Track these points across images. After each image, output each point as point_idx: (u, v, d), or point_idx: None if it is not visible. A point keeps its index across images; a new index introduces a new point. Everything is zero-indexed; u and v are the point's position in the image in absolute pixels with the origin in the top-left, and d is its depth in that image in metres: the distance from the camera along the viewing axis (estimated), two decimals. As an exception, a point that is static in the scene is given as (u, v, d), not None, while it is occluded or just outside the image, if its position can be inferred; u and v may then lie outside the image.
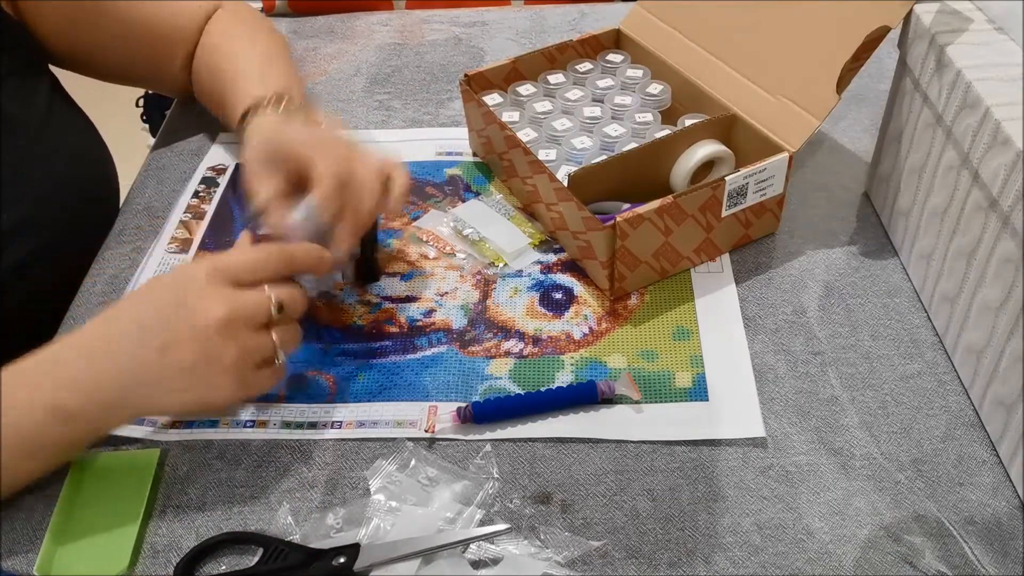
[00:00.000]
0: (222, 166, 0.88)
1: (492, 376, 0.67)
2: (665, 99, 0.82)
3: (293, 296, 0.59)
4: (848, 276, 0.74)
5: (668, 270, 0.73)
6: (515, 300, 0.73)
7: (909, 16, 0.69)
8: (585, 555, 0.55)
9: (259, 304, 0.57)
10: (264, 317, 0.57)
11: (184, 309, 0.55)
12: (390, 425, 0.63)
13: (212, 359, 0.55)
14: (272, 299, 0.57)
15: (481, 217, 0.79)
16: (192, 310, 0.55)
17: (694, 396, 0.65)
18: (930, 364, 0.67)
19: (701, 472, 0.60)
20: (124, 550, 0.56)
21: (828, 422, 0.63)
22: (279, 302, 0.58)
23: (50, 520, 0.57)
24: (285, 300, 0.58)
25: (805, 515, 0.58)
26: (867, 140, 0.87)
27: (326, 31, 1.09)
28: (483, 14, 1.11)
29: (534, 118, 0.82)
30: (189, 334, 0.55)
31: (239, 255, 0.59)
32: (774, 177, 0.72)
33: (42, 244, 0.73)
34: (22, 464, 0.55)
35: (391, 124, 0.93)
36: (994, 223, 0.58)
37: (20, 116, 0.74)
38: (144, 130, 2.15)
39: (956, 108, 0.62)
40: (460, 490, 0.59)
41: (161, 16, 0.83)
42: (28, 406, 0.54)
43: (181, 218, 0.82)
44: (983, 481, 0.59)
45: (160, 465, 0.61)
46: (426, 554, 0.55)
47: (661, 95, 0.82)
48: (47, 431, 0.54)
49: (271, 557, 0.55)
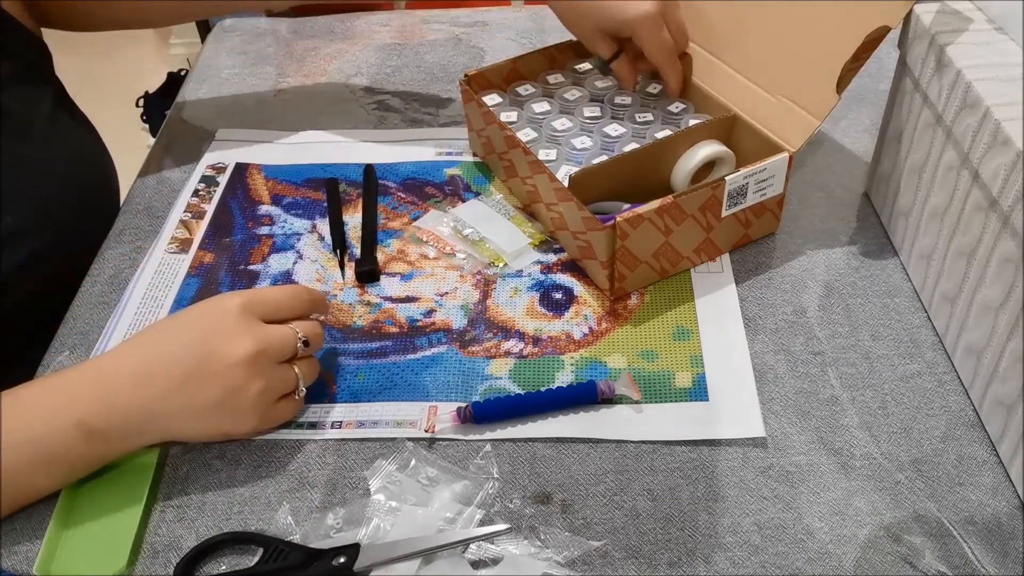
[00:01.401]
0: (222, 165, 0.88)
1: (492, 376, 0.67)
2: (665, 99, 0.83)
3: (316, 331, 0.62)
4: (848, 276, 0.74)
5: (668, 270, 0.73)
6: (515, 300, 0.73)
7: (909, 16, 0.69)
8: (585, 555, 0.55)
9: (286, 339, 0.59)
10: (290, 352, 0.60)
11: (215, 342, 0.57)
12: (390, 425, 0.63)
13: (237, 393, 0.57)
14: (299, 334, 0.60)
15: (481, 217, 0.79)
16: (222, 344, 0.57)
17: (694, 396, 0.65)
18: (930, 364, 0.67)
19: (701, 472, 0.60)
20: (123, 549, 0.56)
21: (828, 422, 0.63)
22: (305, 337, 0.60)
23: (50, 519, 0.57)
24: (310, 335, 0.61)
25: (805, 515, 0.58)
26: (867, 140, 0.87)
27: (326, 31, 1.09)
28: (483, 14, 1.11)
29: (534, 118, 0.82)
30: (217, 368, 0.56)
31: (272, 291, 0.61)
32: (774, 177, 0.72)
33: (42, 245, 0.73)
34: (41, 477, 0.56)
35: (391, 124, 0.93)
36: (994, 223, 0.58)
37: (23, 119, 0.74)
38: (144, 130, 2.15)
39: (956, 108, 0.62)
40: (460, 490, 0.59)
41: None
42: (54, 422, 0.55)
43: (181, 218, 0.82)
44: (983, 481, 0.59)
45: (160, 465, 0.61)
46: (426, 554, 0.55)
47: (661, 95, 0.82)
48: (70, 448, 0.55)
49: (271, 557, 0.55)
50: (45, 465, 0.56)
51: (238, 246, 0.78)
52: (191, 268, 0.76)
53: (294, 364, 0.60)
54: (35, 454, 0.55)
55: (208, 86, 1.00)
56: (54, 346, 0.70)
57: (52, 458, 0.56)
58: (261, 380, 0.58)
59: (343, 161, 0.88)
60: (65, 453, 0.56)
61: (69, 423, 0.55)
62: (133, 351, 0.58)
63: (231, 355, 0.56)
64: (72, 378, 0.57)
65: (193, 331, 0.58)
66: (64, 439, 0.55)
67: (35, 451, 0.55)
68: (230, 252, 0.78)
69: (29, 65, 0.77)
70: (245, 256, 0.77)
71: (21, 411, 0.55)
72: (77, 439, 0.55)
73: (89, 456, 0.57)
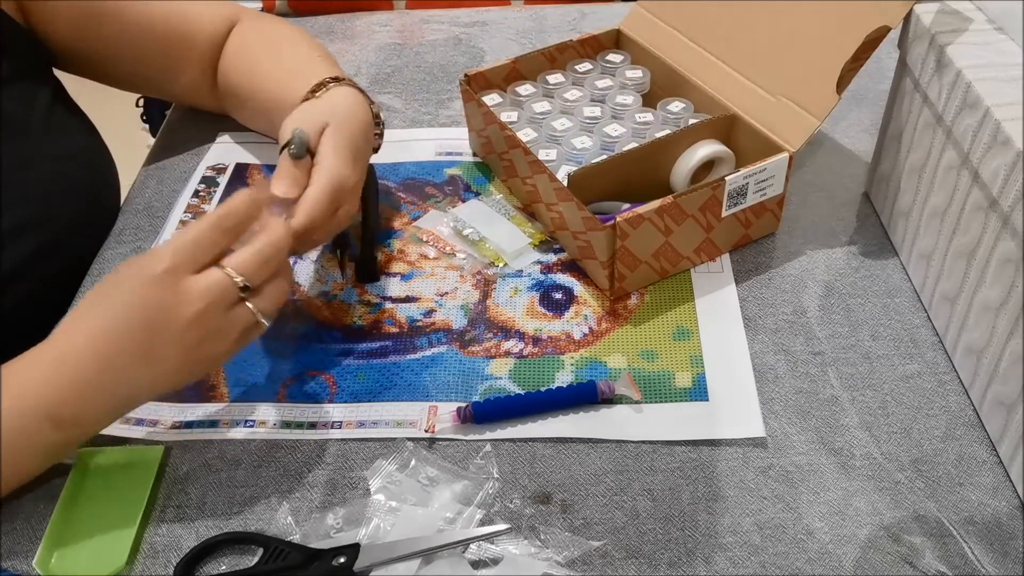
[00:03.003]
0: (222, 165, 0.88)
1: (492, 376, 0.67)
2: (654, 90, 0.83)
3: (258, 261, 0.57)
4: (848, 276, 0.74)
5: (668, 270, 0.73)
6: (515, 300, 0.72)
7: (909, 16, 0.69)
8: (585, 555, 0.55)
9: (222, 286, 0.56)
10: (233, 294, 0.56)
11: (155, 316, 0.55)
12: (390, 425, 0.63)
13: (197, 349, 0.56)
14: (236, 280, 0.56)
15: (481, 217, 0.79)
16: (163, 317, 0.55)
17: (694, 396, 0.65)
18: (930, 364, 0.67)
19: (701, 472, 0.60)
20: (122, 548, 0.56)
21: (828, 422, 0.63)
22: (241, 276, 0.56)
23: (51, 518, 0.57)
24: (249, 273, 0.56)
25: (805, 515, 0.58)
26: (867, 140, 0.87)
27: (326, 31, 1.09)
28: (483, 14, 1.11)
29: (533, 118, 0.82)
30: (168, 338, 0.55)
31: (189, 235, 0.56)
32: (774, 177, 0.72)
33: (42, 245, 0.73)
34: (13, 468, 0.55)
35: (391, 124, 0.93)
36: (994, 223, 0.58)
37: (22, 118, 0.74)
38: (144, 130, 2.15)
39: (956, 108, 0.62)
40: (460, 490, 0.59)
41: (175, 20, 0.82)
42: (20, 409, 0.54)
43: (181, 218, 0.82)
44: (983, 481, 0.59)
45: (161, 465, 0.61)
46: (426, 554, 0.55)
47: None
48: (39, 434, 0.55)
49: (271, 557, 0.55)
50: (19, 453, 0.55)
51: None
52: (191, 268, 0.76)
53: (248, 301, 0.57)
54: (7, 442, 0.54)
55: (208, 86, 1.00)
56: (54, 346, 0.70)
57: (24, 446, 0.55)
58: (214, 334, 0.56)
59: (343, 161, 0.88)
60: (35, 440, 0.55)
61: (37, 417, 0.54)
62: (85, 329, 0.56)
63: (174, 324, 0.54)
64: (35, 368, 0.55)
65: (131, 306, 0.55)
66: (32, 428, 0.54)
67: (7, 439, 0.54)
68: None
69: (27, 64, 0.77)
70: (245, 256, 0.77)
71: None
72: (45, 428, 0.54)
73: (63, 440, 0.56)
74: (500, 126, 0.77)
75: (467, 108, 0.85)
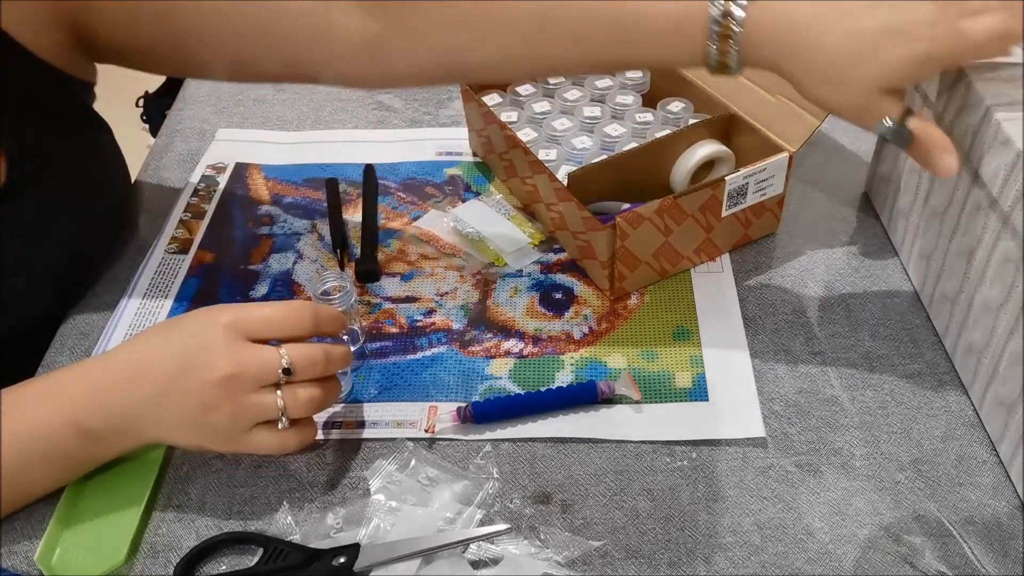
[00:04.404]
0: (222, 165, 0.88)
1: (492, 376, 0.67)
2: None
3: (311, 357, 0.55)
4: (848, 276, 0.74)
5: (668, 270, 0.73)
6: (515, 300, 0.72)
7: (909, 16, 0.69)
8: (585, 555, 0.55)
9: (266, 364, 0.54)
10: (270, 378, 0.55)
11: (194, 357, 0.55)
12: (390, 425, 0.63)
13: (209, 412, 0.55)
14: (283, 360, 0.55)
15: (481, 217, 0.79)
16: (200, 361, 0.55)
17: (694, 396, 0.65)
18: (930, 364, 0.67)
19: (701, 472, 0.60)
20: (122, 543, 0.56)
21: (828, 422, 0.63)
22: (289, 364, 0.54)
23: (52, 515, 0.57)
24: (298, 361, 0.55)
25: (805, 515, 0.58)
26: (867, 140, 0.87)
27: (326, 31, 1.09)
28: (483, 14, 1.11)
29: (533, 118, 0.82)
30: (191, 385, 0.55)
31: (265, 308, 0.57)
32: (774, 177, 0.72)
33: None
34: (36, 475, 0.57)
35: (391, 124, 0.93)
36: (994, 223, 0.58)
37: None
38: (144, 130, 2.15)
39: (956, 108, 0.62)
40: (460, 490, 0.59)
41: None
42: (49, 420, 0.55)
43: (181, 218, 0.82)
44: (983, 481, 0.59)
45: (161, 464, 0.61)
46: (426, 554, 0.55)
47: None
48: (65, 446, 0.56)
49: (271, 557, 0.55)
50: (41, 463, 0.56)
51: (238, 245, 0.78)
52: (191, 268, 0.76)
53: (279, 391, 0.55)
54: (31, 452, 0.55)
55: (208, 86, 1.00)
56: (54, 346, 0.70)
57: (48, 456, 0.56)
58: (232, 404, 0.54)
59: (343, 161, 0.88)
60: (60, 451, 0.56)
61: (63, 422, 0.55)
62: (126, 353, 0.58)
63: (206, 374, 0.54)
64: (66, 378, 0.57)
65: (179, 342, 0.56)
66: (59, 438, 0.55)
67: (31, 449, 0.55)
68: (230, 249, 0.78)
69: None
70: (245, 256, 0.77)
71: (18, 409, 0.55)
72: (71, 438, 0.55)
73: (83, 456, 0.57)
74: (500, 126, 0.77)
75: (467, 108, 0.85)
